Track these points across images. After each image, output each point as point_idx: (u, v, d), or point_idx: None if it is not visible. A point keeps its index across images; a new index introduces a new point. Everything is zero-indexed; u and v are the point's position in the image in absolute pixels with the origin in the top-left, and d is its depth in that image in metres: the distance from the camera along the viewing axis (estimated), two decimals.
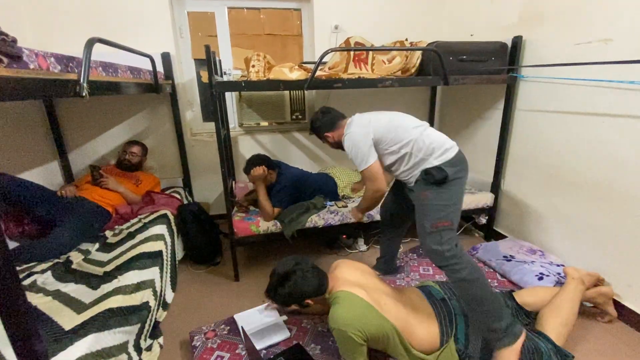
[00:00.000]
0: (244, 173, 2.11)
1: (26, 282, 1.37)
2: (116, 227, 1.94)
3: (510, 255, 1.97)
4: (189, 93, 2.66)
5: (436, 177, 1.32)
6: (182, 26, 2.54)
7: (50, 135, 2.34)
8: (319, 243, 2.45)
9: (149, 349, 1.44)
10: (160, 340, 1.54)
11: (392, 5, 2.66)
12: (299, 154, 2.91)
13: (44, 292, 1.32)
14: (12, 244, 1.76)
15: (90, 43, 1.11)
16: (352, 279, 1.36)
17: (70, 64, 1.11)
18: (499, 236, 2.38)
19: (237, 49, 2.70)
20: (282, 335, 1.49)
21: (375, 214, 2.13)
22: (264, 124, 2.87)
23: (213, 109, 1.70)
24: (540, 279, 1.73)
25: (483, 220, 2.42)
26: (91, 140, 2.51)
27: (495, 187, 2.32)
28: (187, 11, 2.53)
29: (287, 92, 2.78)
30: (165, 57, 2.36)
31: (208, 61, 1.61)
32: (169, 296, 1.84)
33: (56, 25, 2.20)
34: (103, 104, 2.44)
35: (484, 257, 2.06)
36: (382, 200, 1.77)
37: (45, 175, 2.29)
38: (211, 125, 2.79)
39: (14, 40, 0.83)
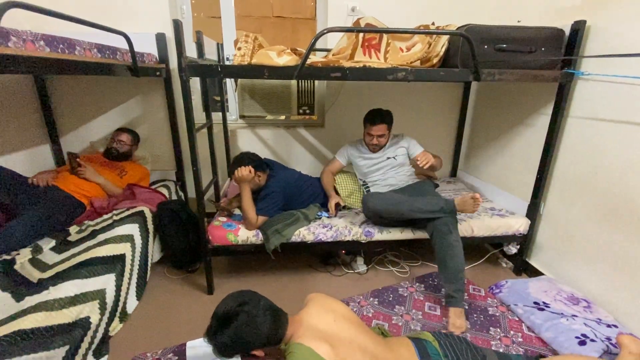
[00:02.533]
0: (228, 172, 1.85)
1: None
2: (85, 222, 1.77)
3: (543, 302, 1.55)
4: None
5: None
6: (183, 5, 2.31)
7: (41, 117, 2.23)
8: (312, 257, 2.15)
9: None
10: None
11: None
12: (303, 152, 2.61)
13: None
14: None
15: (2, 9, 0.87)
16: (320, 326, 1.05)
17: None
18: (533, 271, 1.94)
19: (242, 32, 2.42)
20: None
21: (377, 232, 1.79)
22: (269, 117, 2.59)
23: (183, 96, 1.44)
24: (583, 343, 1.30)
25: (513, 249, 1.98)
26: (84, 125, 2.38)
27: (533, 212, 1.87)
28: None
29: (294, 83, 2.48)
30: (160, 39, 2.15)
31: (177, 39, 1.35)
32: (131, 305, 1.64)
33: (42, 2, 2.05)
34: (96, 86, 2.29)
35: (508, 300, 1.64)
36: None
37: (34, 159, 2.19)
38: (212, 116, 2.57)
39: None
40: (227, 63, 2.35)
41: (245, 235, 1.74)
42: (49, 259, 1.46)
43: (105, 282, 1.42)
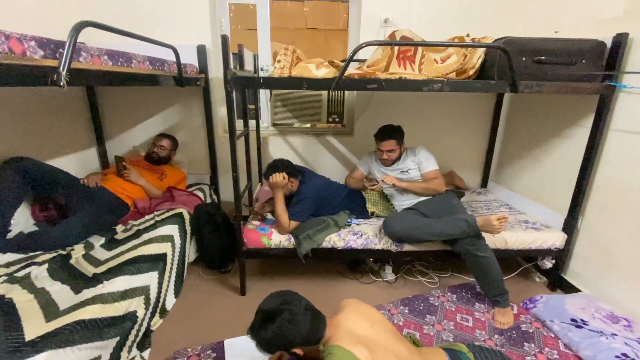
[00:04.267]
0: (263, 178, 1.93)
1: (20, 274, 1.33)
2: (129, 222, 1.88)
3: (581, 320, 1.50)
4: (223, 88, 2.55)
5: None
6: (222, 18, 2.44)
7: (90, 123, 2.41)
8: (341, 264, 2.18)
9: None
10: (146, 353, 1.42)
11: None
12: (331, 160, 2.66)
13: (30, 288, 1.26)
14: (32, 228, 1.79)
15: (76, 28, 0.98)
16: (358, 331, 1.08)
17: (60, 50, 1.00)
18: (568, 288, 1.88)
19: (275, 44, 2.53)
20: None
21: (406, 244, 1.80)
22: (298, 124, 2.67)
23: (227, 106, 1.53)
24: None
25: (548, 264, 1.93)
26: (128, 130, 2.54)
27: (570, 226, 1.82)
28: (228, 3, 2.43)
29: (324, 93, 2.55)
30: (201, 50, 2.27)
31: (224, 53, 1.44)
32: (170, 302, 1.73)
33: (100, 17, 2.23)
34: (139, 94, 2.45)
35: (543, 316, 1.61)
36: None
37: (82, 161, 2.37)
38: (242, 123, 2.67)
39: None
40: (262, 73, 2.45)
41: (278, 239, 1.80)
42: (100, 255, 1.57)
43: (150, 279, 1.51)
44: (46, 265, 1.41)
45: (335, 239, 1.80)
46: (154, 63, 1.65)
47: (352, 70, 1.60)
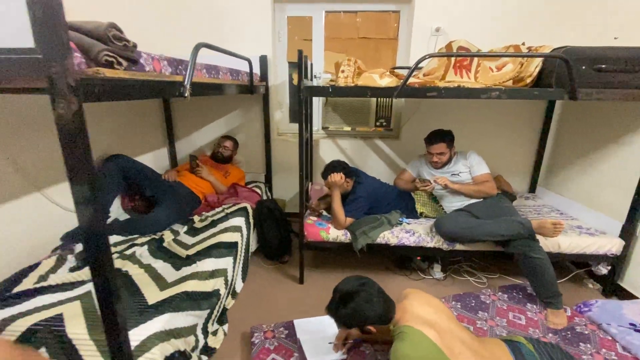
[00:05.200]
0: (321, 177, 2.09)
1: (128, 252, 1.59)
2: (203, 213, 2.13)
3: None
4: (279, 94, 2.77)
5: None
6: (281, 30, 2.66)
7: (164, 126, 2.72)
8: (389, 261, 2.29)
9: (214, 333, 1.53)
10: (225, 327, 1.62)
11: (506, 4, 2.32)
12: (378, 162, 2.78)
13: (139, 264, 1.51)
14: (124, 216, 2.08)
15: (196, 48, 1.20)
16: (424, 315, 1.20)
17: (180, 67, 1.23)
18: (625, 294, 1.87)
19: (328, 53, 2.71)
20: (338, 355, 1.41)
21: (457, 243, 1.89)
22: (347, 128, 2.82)
23: (299, 112, 1.71)
24: None
25: (603, 270, 1.93)
26: (194, 132, 2.83)
27: (628, 233, 1.82)
28: (287, 16, 2.64)
29: (373, 98, 2.68)
30: (263, 60, 2.50)
31: (300, 66, 1.63)
32: (239, 286, 1.94)
33: (176, 31, 2.52)
34: (206, 100, 2.72)
35: (599, 319, 1.63)
36: None
37: (155, 159, 2.67)
38: (296, 127, 2.86)
39: (135, 46, 0.93)
40: (315, 80, 2.63)
41: (335, 233, 1.96)
42: (186, 240, 1.81)
43: (227, 263, 1.72)
44: (146, 247, 1.66)
45: (389, 236, 1.93)
46: (233, 74, 1.87)
47: (411, 79, 1.72)
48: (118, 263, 1.48)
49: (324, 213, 2.22)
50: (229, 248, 1.80)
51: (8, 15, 0.63)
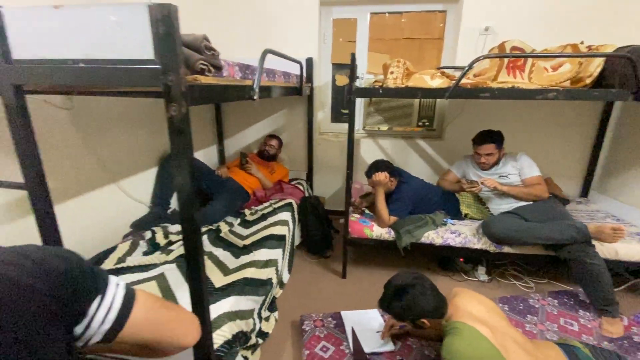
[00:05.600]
0: (365, 176, 2.15)
1: None
2: (252, 207, 2.26)
3: None
4: (322, 95, 2.86)
5: None
6: (326, 33, 2.74)
7: (214, 125, 2.89)
8: (432, 261, 2.30)
9: (267, 319, 1.64)
10: (276, 314, 1.73)
11: (560, 2, 2.23)
12: (419, 162, 2.78)
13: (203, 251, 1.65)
14: None
15: (263, 54, 1.31)
16: (476, 313, 1.22)
17: (247, 71, 1.34)
18: None
19: (372, 54, 2.75)
20: (386, 346, 1.47)
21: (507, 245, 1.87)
22: (385, 128, 2.84)
23: (348, 113, 1.78)
24: None
25: None
26: (241, 131, 2.99)
27: None
28: (332, 18, 2.71)
29: (417, 98, 2.69)
30: (309, 62, 2.59)
31: (352, 68, 1.69)
32: (285, 277, 2.04)
33: (231, 35, 2.67)
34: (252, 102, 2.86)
35: None
36: None
37: (206, 156, 2.86)
38: (337, 126, 2.95)
39: (218, 54, 1.04)
40: (358, 81, 2.68)
41: (379, 231, 2.01)
42: (240, 232, 1.94)
43: (278, 254, 1.82)
44: (206, 236, 1.81)
45: (434, 236, 1.94)
46: (285, 76, 1.98)
47: (463, 80, 1.72)
48: (183, 250, 1.63)
49: (366, 211, 2.28)
50: (279, 240, 1.90)
51: (135, 31, 0.75)
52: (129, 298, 0.52)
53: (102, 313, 0.47)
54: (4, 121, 0.94)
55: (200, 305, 0.95)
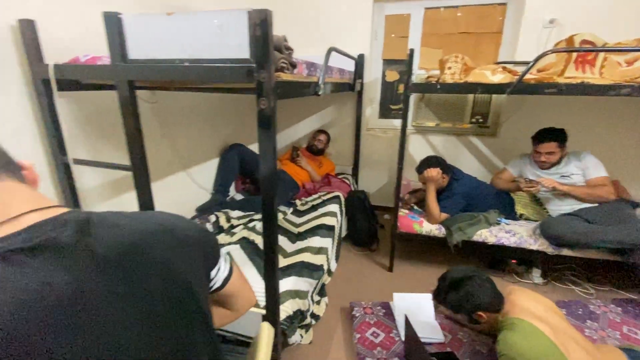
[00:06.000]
0: (415, 171, 2.16)
1: (250, 225, 1.89)
2: (302, 198, 2.37)
3: None
4: (371, 91, 2.89)
5: None
6: (378, 29, 2.76)
7: None
8: (481, 260, 2.26)
9: (318, 303, 1.74)
10: (326, 299, 1.82)
11: None
12: (471, 160, 2.72)
13: (261, 235, 1.78)
14: (238, 197, 2.43)
15: (329, 52, 1.38)
16: (534, 311, 1.21)
17: (311, 68, 1.42)
18: None
19: (425, 49, 2.72)
20: (436, 336, 1.49)
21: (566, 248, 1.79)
22: (432, 124, 2.80)
23: (403, 108, 1.80)
24: None
25: None
26: (291, 126, 3.11)
27: None
28: (385, 14, 2.72)
29: (471, 94, 2.62)
30: (360, 58, 2.63)
31: (409, 64, 1.71)
32: (333, 265, 2.13)
33: (286, 33, 2.79)
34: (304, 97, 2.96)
35: None
36: None
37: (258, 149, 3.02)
38: (385, 122, 2.96)
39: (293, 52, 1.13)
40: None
41: (429, 227, 2.02)
42: (294, 220, 2.06)
43: (328, 243, 1.91)
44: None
45: (487, 234, 1.91)
46: (340, 72, 2.04)
47: (529, 75, 1.67)
48: (244, 233, 1.78)
49: (415, 207, 2.29)
50: (329, 230, 1.99)
51: (234, 34, 0.86)
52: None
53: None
54: (111, 113, 1.11)
55: (272, 275, 1.07)
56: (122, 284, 0.39)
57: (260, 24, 0.82)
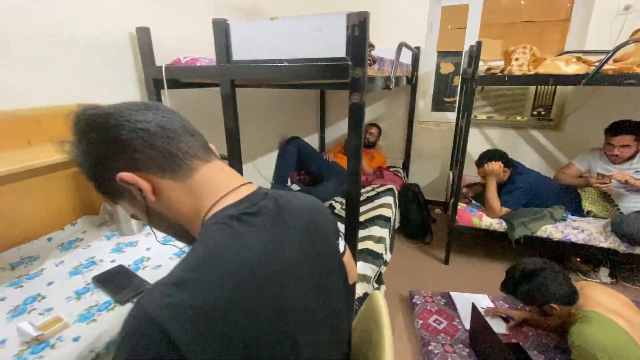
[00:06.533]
0: (475, 165, 2.14)
1: None
2: None
3: None
4: (424, 83, 2.87)
5: None
6: (433, 21, 2.73)
7: (318, 114, 3.15)
8: (542, 257, 2.19)
9: (378, 289, 1.82)
10: (384, 287, 1.89)
11: None
12: (531, 154, 2.63)
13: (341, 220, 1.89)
14: (295, 188, 2.56)
15: (400, 47, 1.43)
16: (610, 305, 1.20)
17: (380, 63, 1.48)
18: None
19: (484, 40, 2.65)
20: (499, 327, 1.51)
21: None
22: (490, 117, 2.73)
23: (468, 101, 1.80)
24: None
25: None
26: (341, 120, 3.19)
27: None
28: (442, 6, 2.69)
29: (533, 86, 2.53)
30: (416, 50, 2.63)
31: (476, 56, 1.71)
32: (388, 256, 2.18)
33: None
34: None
35: None
36: None
37: (310, 142, 3.13)
38: (438, 115, 2.94)
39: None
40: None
41: (489, 221, 2.01)
42: None
43: (385, 233, 1.97)
44: None
45: (552, 230, 1.87)
46: (400, 66, 2.07)
47: (607, 65, 1.60)
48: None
49: (473, 201, 2.27)
50: (386, 221, 2.05)
51: (332, 34, 0.95)
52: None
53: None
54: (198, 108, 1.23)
55: (354, 257, 1.16)
56: (308, 245, 0.49)
57: (359, 24, 0.90)
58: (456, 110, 2.78)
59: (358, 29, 0.90)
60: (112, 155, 0.45)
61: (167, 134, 0.47)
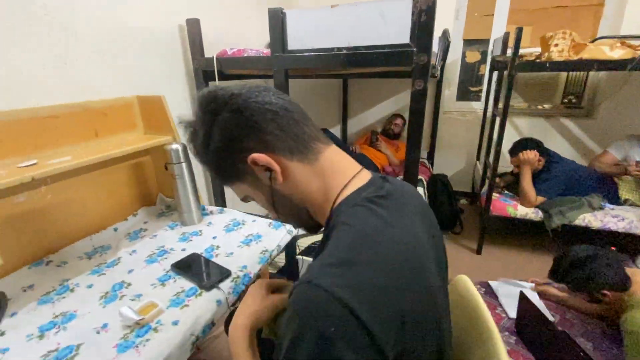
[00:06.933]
0: (508, 154, 2.12)
1: None
2: None
3: None
4: (450, 72, 2.83)
5: None
6: (460, 8, 2.69)
7: (341, 106, 3.13)
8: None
9: None
10: None
11: None
12: (561, 143, 2.59)
13: None
14: None
15: (443, 35, 1.42)
16: None
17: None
18: None
19: (511, 27, 2.60)
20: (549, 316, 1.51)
21: None
22: (525, 105, 2.69)
23: (507, 90, 1.77)
24: None
25: None
26: (364, 112, 3.17)
27: None
28: None
29: (563, 73, 2.48)
30: (441, 40, 2.59)
31: (516, 43, 1.68)
32: None
33: None
34: (379, 81, 2.99)
35: None
36: None
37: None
38: (462, 105, 2.90)
39: None
40: (490, 56, 2.59)
41: (524, 211, 1.99)
42: None
43: None
44: None
45: (591, 219, 1.85)
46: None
47: None
48: None
49: (505, 191, 2.26)
50: None
51: (396, 21, 0.94)
52: None
53: None
54: None
55: None
56: (427, 228, 0.50)
57: (427, 10, 0.89)
58: (483, 99, 2.74)
59: (425, 15, 0.89)
60: (244, 136, 0.46)
61: (293, 117, 0.48)
